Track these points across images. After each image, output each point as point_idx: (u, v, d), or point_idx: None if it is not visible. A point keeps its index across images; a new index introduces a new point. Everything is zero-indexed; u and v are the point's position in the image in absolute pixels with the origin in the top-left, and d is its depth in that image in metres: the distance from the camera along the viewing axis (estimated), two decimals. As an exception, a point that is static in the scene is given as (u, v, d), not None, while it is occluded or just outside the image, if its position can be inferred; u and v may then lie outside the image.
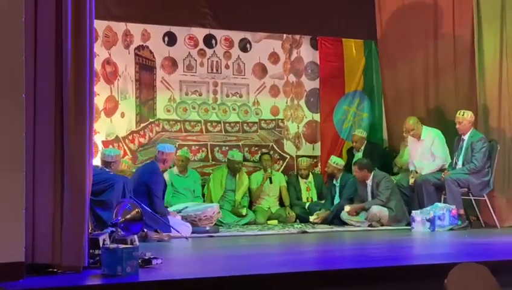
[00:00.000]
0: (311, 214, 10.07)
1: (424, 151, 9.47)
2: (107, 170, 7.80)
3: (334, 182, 10.30)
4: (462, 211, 8.77)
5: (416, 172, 9.43)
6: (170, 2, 10.26)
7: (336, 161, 10.32)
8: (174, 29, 10.56)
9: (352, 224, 9.42)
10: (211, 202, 9.91)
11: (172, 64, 10.58)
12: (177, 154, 9.96)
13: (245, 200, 10.44)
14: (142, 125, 10.33)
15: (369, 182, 9.48)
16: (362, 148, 10.75)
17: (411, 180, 9.38)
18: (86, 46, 4.58)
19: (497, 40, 9.51)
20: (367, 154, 10.39)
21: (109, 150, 8.49)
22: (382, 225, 9.21)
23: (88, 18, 4.62)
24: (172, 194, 9.74)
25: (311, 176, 10.82)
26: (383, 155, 10.73)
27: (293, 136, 11.26)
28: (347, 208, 9.50)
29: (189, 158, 10.22)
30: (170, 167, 9.31)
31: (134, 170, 9.35)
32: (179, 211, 8.60)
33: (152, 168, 8.38)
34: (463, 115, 9.10)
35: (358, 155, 10.57)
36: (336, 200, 10.13)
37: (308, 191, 10.71)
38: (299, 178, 10.78)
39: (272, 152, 11.00)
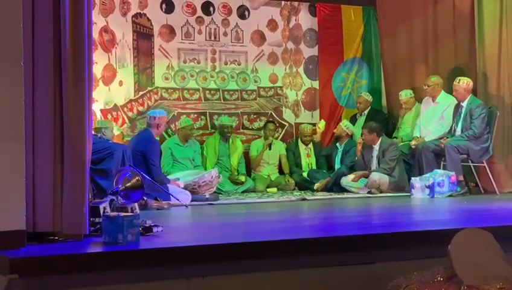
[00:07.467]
0: (311, 181, 10.09)
1: (434, 114, 9.44)
2: (105, 138, 7.81)
3: (338, 145, 10.32)
4: (461, 178, 8.78)
5: (420, 137, 9.42)
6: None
7: (347, 125, 10.38)
8: (171, -4, 10.51)
9: (351, 191, 9.46)
10: (207, 169, 9.92)
11: (170, 32, 10.52)
12: (184, 124, 9.91)
13: (242, 167, 10.45)
14: (141, 93, 10.29)
15: (376, 147, 9.48)
16: (366, 112, 10.73)
17: (413, 142, 9.36)
18: (83, 14, 4.54)
19: (497, 8, 9.45)
20: (370, 120, 10.31)
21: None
22: (381, 192, 9.23)
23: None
24: (172, 163, 9.72)
25: (311, 143, 10.81)
26: (385, 122, 10.60)
27: (292, 103, 11.23)
28: (351, 176, 9.52)
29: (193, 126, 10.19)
30: (166, 133, 9.31)
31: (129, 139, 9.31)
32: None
33: (147, 136, 8.37)
34: (459, 82, 9.08)
35: (361, 121, 10.55)
36: (337, 165, 10.15)
37: (308, 157, 10.70)
38: (299, 144, 10.77)
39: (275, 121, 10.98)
